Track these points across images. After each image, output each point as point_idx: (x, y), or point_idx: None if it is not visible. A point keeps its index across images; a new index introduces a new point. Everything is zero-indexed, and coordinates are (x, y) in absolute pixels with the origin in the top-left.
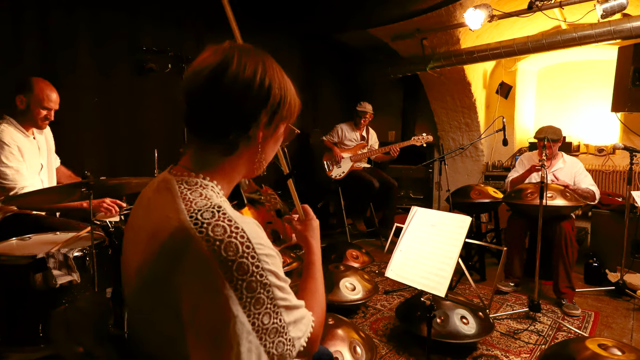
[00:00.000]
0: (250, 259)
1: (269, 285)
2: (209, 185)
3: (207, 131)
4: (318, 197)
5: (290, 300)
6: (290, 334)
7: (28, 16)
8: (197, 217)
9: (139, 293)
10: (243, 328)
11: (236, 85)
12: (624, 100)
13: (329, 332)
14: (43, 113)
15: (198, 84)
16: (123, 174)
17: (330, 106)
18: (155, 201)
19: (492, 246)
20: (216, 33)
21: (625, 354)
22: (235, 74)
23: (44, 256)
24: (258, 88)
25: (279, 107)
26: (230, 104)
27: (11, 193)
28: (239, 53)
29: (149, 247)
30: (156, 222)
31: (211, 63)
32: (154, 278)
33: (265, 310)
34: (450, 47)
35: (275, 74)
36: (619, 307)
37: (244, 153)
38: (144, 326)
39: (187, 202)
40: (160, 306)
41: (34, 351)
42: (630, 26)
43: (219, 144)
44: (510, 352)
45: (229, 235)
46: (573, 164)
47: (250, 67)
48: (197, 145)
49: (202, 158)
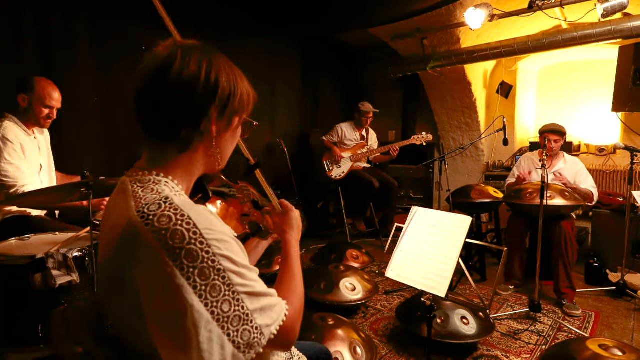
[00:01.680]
0: (198, 245)
1: (223, 271)
2: (162, 181)
3: (158, 130)
4: (318, 197)
5: (253, 287)
6: (256, 322)
7: (28, 16)
8: (144, 211)
9: (104, 292)
10: (201, 317)
11: (181, 80)
12: (625, 99)
13: (329, 332)
14: (45, 112)
15: (144, 83)
16: (122, 173)
17: (330, 106)
18: (113, 203)
19: (492, 246)
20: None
21: (626, 354)
22: (179, 70)
23: (43, 256)
24: (204, 82)
25: (229, 100)
26: (177, 100)
27: (12, 191)
28: (183, 49)
29: (107, 247)
30: (113, 223)
31: (154, 61)
32: (112, 276)
33: (223, 298)
34: (450, 46)
35: (223, 67)
36: (619, 307)
37: (199, 148)
38: (118, 323)
39: (138, 199)
40: (123, 302)
41: (33, 351)
42: (631, 25)
43: (172, 142)
44: (511, 352)
45: (175, 224)
46: (574, 164)
47: (195, 62)
48: (150, 145)
49: (156, 156)
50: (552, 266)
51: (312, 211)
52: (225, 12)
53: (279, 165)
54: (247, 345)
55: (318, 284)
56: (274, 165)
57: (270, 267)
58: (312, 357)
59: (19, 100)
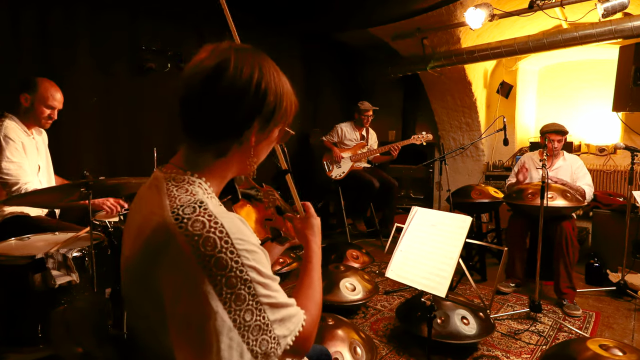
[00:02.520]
0: (229, 254)
1: (249, 282)
2: (197, 182)
3: (200, 134)
4: (318, 197)
5: (275, 298)
6: (275, 332)
7: (27, 16)
8: (178, 213)
9: (128, 288)
10: (224, 324)
11: (231, 91)
12: (625, 99)
13: (329, 332)
14: (47, 112)
15: (193, 87)
16: (122, 173)
17: (330, 106)
18: (145, 199)
19: (492, 246)
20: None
21: (627, 354)
22: (231, 80)
23: (43, 256)
24: (253, 95)
25: (273, 114)
26: (225, 110)
27: (14, 189)
28: (236, 56)
29: (136, 243)
30: (143, 219)
31: (208, 65)
32: (139, 273)
33: (247, 307)
34: (450, 46)
35: (272, 78)
36: (620, 307)
37: (236, 155)
38: (136, 321)
39: (172, 198)
40: (145, 301)
41: (33, 352)
42: (632, 25)
43: (211, 147)
44: (511, 352)
45: (207, 230)
46: (573, 160)
47: (247, 71)
48: (189, 145)
49: (193, 157)
50: (553, 266)
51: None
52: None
53: (276, 162)
54: (264, 354)
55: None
56: (274, 165)
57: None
58: (312, 357)
59: (21, 100)
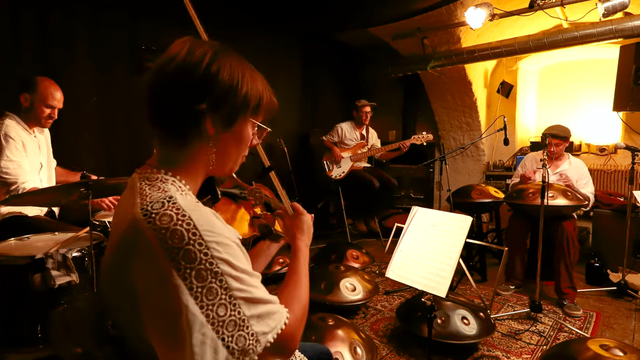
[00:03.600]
0: (197, 246)
1: (220, 274)
2: (170, 180)
3: (158, 122)
4: (318, 197)
5: (251, 292)
6: (252, 328)
7: (27, 15)
8: (147, 209)
9: (104, 283)
10: (195, 319)
11: (180, 68)
12: (626, 99)
13: (329, 332)
14: (47, 111)
15: (150, 77)
16: (122, 173)
17: (330, 106)
18: (122, 200)
19: (493, 246)
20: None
21: (627, 354)
22: (180, 61)
23: (43, 256)
24: (203, 71)
25: (228, 96)
26: (173, 90)
27: (12, 188)
28: (192, 42)
29: (112, 242)
30: (119, 219)
31: (164, 57)
32: (113, 269)
33: (219, 302)
34: (451, 46)
35: (229, 62)
36: (620, 307)
37: (201, 147)
38: (118, 320)
39: (144, 196)
40: (121, 296)
41: (32, 352)
42: (632, 25)
43: (172, 137)
44: (512, 352)
45: (175, 223)
46: (579, 167)
47: (199, 54)
48: (157, 138)
49: (163, 153)
50: (553, 266)
51: (312, 211)
52: (224, 12)
53: (279, 165)
54: (242, 351)
55: (318, 284)
56: (274, 165)
57: (270, 268)
58: (313, 357)
59: (21, 100)
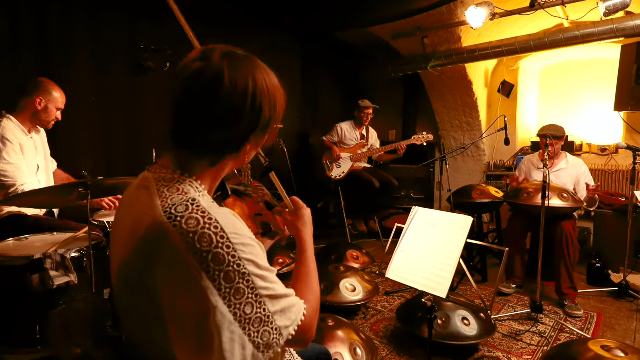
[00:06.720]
0: (225, 249)
1: (248, 275)
2: (187, 181)
3: (193, 147)
4: (318, 197)
5: (274, 289)
6: (276, 323)
7: (26, 15)
8: (171, 212)
9: (121, 291)
10: (224, 319)
11: (229, 109)
12: (627, 99)
13: (329, 333)
14: (57, 114)
15: (188, 100)
16: (121, 173)
17: (331, 106)
18: (135, 200)
19: (493, 247)
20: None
21: (629, 355)
22: (227, 95)
23: (41, 257)
24: (250, 111)
25: (269, 124)
26: (222, 129)
27: (11, 190)
28: (229, 64)
29: (128, 245)
30: (134, 220)
31: (201, 76)
32: (133, 274)
33: (246, 300)
34: (451, 45)
35: (265, 85)
36: (622, 308)
37: (231, 162)
38: (132, 324)
39: (163, 198)
40: (142, 303)
41: (30, 353)
42: (633, 24)
43: (205, 159)
44: (512, 353)
45: (202, 227)
46: (577, 165)
47: (242, 83)
48: (180, 154)
49: (184, 163)
50: (554, 267)
51: (312, 211)
52: (224, 11)
53: (279, 165)
54: (267, 345)
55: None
56: (274, 165)
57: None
58: (312, 358)
59: (35, 103)
